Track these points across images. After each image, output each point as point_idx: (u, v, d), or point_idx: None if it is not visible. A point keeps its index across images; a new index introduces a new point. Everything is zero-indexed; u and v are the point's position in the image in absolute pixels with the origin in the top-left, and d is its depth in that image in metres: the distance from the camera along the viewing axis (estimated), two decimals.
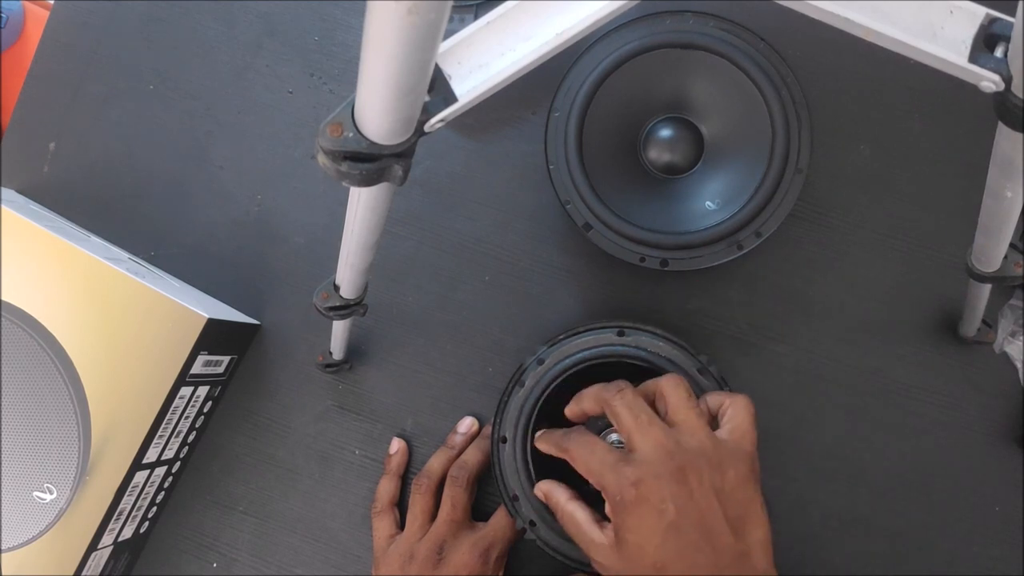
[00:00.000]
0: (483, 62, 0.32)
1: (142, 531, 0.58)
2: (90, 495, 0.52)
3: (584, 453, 0.43)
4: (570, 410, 0.48)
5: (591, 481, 0.43)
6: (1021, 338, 0.57)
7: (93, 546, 0.52)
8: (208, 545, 0.60)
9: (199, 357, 0.54)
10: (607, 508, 0.42)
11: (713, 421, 0.44)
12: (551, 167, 0.55)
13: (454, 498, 0.54)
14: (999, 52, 0.29)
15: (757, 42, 0.54)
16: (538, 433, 0.49)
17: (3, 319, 0.52)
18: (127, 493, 0.53)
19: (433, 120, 0.31)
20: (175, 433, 0.56)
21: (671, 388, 0.44)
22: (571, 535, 0.45)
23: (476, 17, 0.54)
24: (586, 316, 0.59)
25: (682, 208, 0.56)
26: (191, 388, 0.55)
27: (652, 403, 0.45)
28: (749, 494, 0.41)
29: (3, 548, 0.51)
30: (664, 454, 0.41)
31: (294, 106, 0.63)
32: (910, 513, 0.56)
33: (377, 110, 0.28)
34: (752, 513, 0.41)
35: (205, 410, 0.59)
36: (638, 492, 0.40)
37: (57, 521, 0.51)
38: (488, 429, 0.58)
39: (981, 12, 0.29)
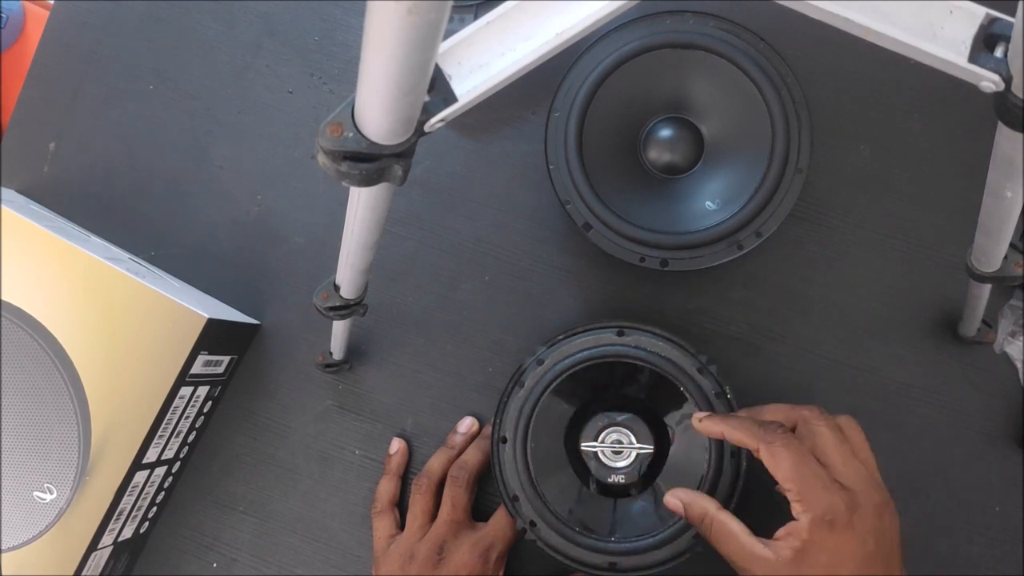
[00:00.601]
0: (483, 62, 0.32)
1: (142, 531, 0.58)
2: (90, 495, 0.52)
3: (794, 459, 0.42)
4: (747, 417, 0.47)
5: (787, 487, 0.42)
6: (1021, 338, 0.56)
7: (93, 546, 0.52)
8: (208, 545, 0.60)
9: (199, 357, 0.54)
10: (803, 519, 0.41)
11: None
12: (551, 167, 0.55)
13: (454, 498, 0.54)
14: (999, 52, 0.29)
15: (757, 42, 0.54)
16: (700, 416, 0.48)
17: (3, 319, 0.52)
18: (127, 493, 0.53)
19: (433, 120, 0.31)
20: (175, 433, 0.56)
21: (853, 427, 0.45)
22: (720, 545, 0.44)
23: (476, 17, 0.54)
24: (586, 316, 0.59)
25: (682, 208, 0.56)
26: (191, 388, 0.55)
27: None
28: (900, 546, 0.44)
29: (3, 548, 0.51)
30: (870, 488, 0.42)
31: (294, 106, 0.63)
32: (910, 513, 0.56)
33: (377, 110, 0.28)
34: (902, 557, 0.44)
35: (205, 410, 0.59)
36: (851, 518, 0.41)
37: (57, 521, 0.51)
38: (488, 429, 0.57)
39: (981, 12, 0.29)
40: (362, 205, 0.36)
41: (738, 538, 0.43)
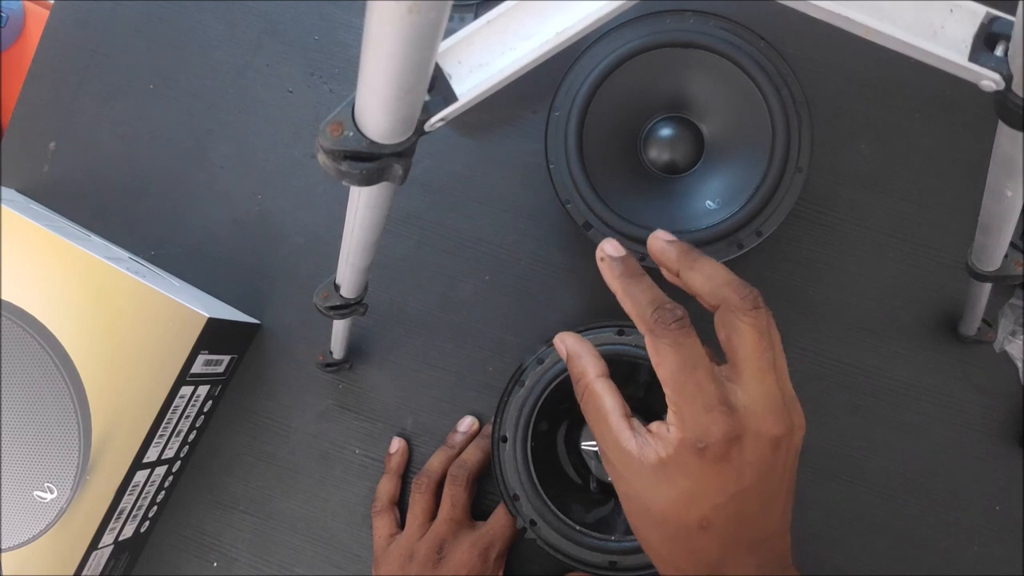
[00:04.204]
0: (483, 61, 0.32)
1: (143, 530, 0.58)
2: (90, 494, 0.52)
3: (679, 365, 0.35)
4: (649, 287, 0.37)
5: (665, 391, 0.35)
6: (1021, 337, 0.57)
7: (94, 545, 0.52)
8: (209, 544, 0.60)
9: (199, 356, 0.54)
10: (672, 433, 0.35)
11: None
12: (551, 166, 0.55)
13: (454, 497, 0.54)
14: (999, 51, 0.29)
15: (757, 41, 0.54)
16: (607, 250, 0.38)
17: (3, 319, 0.52)
18: (127, 492, 0.53)
19: (433, 119, 0.31)
20: (175, 432, 0.56)
21: (773, 328, 0.36)
22: (589, 419, 0.37)
23: (476, 16, 0.54)
24: (586, 315, 0.59)
25: (682, 207, 0.56)
26: (191, 387, 0.55)
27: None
28: (797, 467, 0.38)
29: (3, 547, 0.51)
30: (772, 410, 0.35)
31: (294, 105, 0.63)
32: (910, 513, 0.56)
33: (377, 109, 0.28)
34: (793, 489, 0.38)
35: (205, 409, 0.59)
36: (727, 449, 0.34)
37: (57, 520, 0.51)
38: (488, 428, 0.58)
39: (981, 11, 0.29)
40: (362, 204, 0.36)
41: (608, 418, 0.36)
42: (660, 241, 0.39)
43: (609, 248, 0.38)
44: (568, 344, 0.39)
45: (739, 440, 0.34)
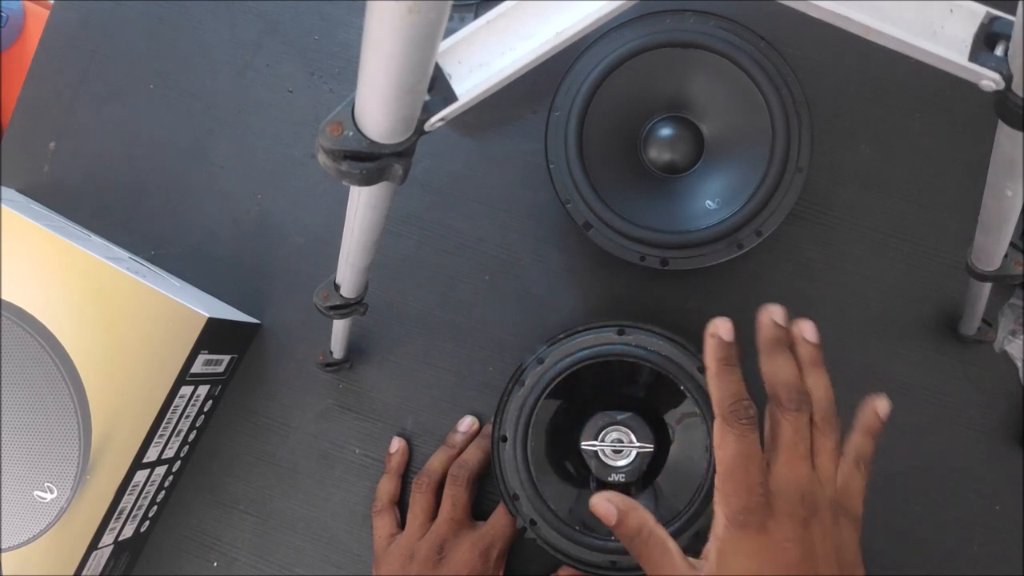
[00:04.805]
0: (483, 61, 0.32)
1: (143, 530, 0.58)
2: (90, 494, 0.52)
3: (736, 454, 0.39)
4: (736, 378, 0.41)
5: (717, 472, 0.39)
6: (1021, 337, 0.57)
7: (94, 545, 0.52)
8: (209, 544, 0.60)
9: (199, 356, 0.54)
10: (719, 519, 0.39)
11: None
12: (551, 166, 0.55)
13: (454, 497, 0.54)
14: (999, 51, 0.29)
15: (757, 41, 0.54)
16: (717, 330, 0.41)
17: (3, 318, 0.52)
18: (127, 492, 0.53)
19: (433, 119, 0.31)
20: (175, 432, 0.56)
21: (827, 430, 0.41)
22: (652, 563, 0.41)
23: (476, 16, 0.54)
24: (586, 315, 0.59)
25: (682, 207, 0.56)
26: (191, 387, 0.55)
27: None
28: (858, 557, 0.40)
29: (3, 547, 0.51)
30: (798, 493, 0.39)
31: (294, 105, 0.63)
32: (910, 512, 0.56)
33: (377, 109, 0.28)
34: (852, 569, 0.40)
35: (205, 409, 0.59)
36: (764, 522, 0.38)
37: (58, 520, 0.51)
38: (488, 428, 0.58)
39: (981, 11, 0.29)
40: (362, 204, 0.36)
41: (674, 559, 0.40)
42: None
43: (723, 331, 0.41)
44: (617, 502, 0.42)
45: (773, 515, 0.38)
